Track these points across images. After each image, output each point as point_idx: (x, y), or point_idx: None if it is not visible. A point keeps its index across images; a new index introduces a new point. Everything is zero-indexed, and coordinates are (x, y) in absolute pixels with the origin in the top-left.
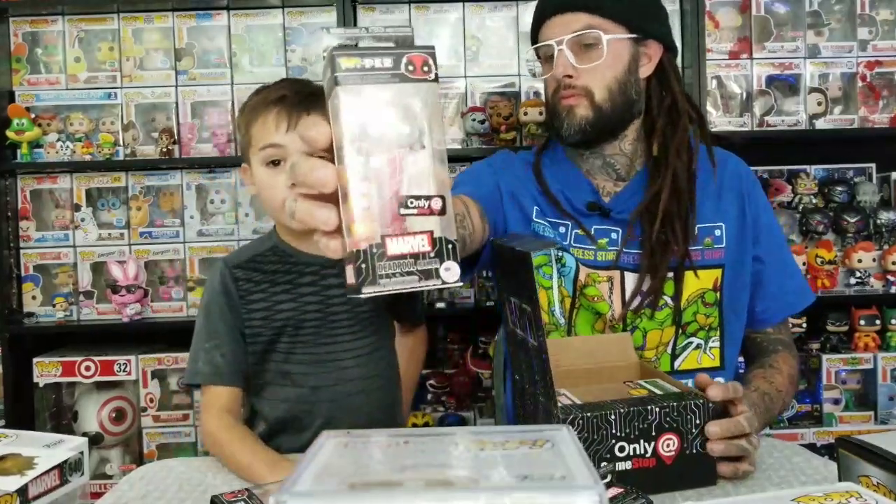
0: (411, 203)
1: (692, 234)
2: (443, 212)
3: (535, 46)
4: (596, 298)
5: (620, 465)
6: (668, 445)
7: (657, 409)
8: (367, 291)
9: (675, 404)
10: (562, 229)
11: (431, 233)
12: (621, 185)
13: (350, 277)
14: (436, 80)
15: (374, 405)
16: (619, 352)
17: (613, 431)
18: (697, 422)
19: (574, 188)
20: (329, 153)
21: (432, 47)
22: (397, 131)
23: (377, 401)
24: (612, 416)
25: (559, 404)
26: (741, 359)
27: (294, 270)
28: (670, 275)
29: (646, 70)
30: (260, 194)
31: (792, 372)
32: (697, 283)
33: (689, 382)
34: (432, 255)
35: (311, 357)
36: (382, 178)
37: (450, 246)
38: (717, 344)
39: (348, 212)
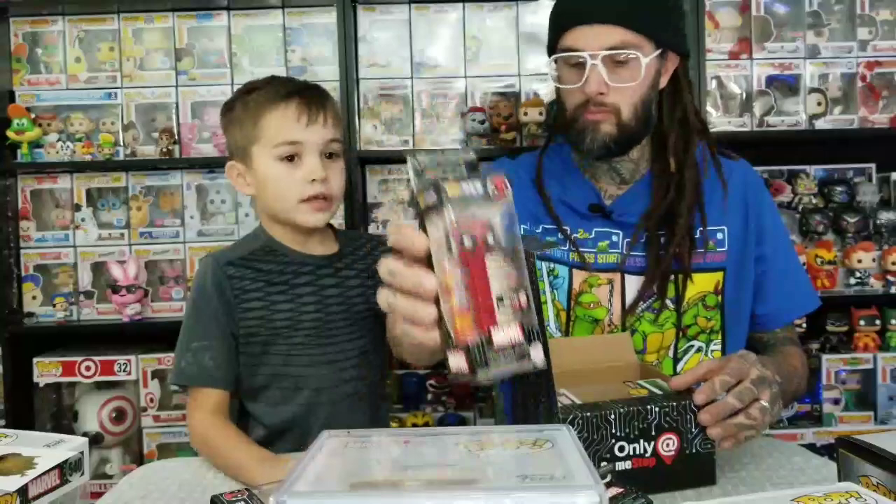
0: (503, 302)
1: (698, 243)
2: (528, 304)
3: (564, 55)
4: (592, 305)
5: (620, 465)
6: (668, 445)
7: (657, 409)
8: (482, 377)
9: (674, 404)
10: (560, 235)
11: (522, 324)
12: (624, 189)
13: (459, 364)
14: (510, 196)
15: (369, 405)
16: (618, 352)
17: (613, 431)
18: (697, 421)
19: (575, 190)
20: (423, 258)
21: (504, 172)
22: (487, 240)
23: (372, 401)
24: (612, 416)
25: (559, 404)
26: None
27: (289, 270)
28: (672, 278)
29: (663, 81)
30: (266, 191)
31: (804, 362)
32: (698, 286)
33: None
34: (524, 341)
35: (311, 359)
36: (478, 280)
37: (535, 330)
38: (718, 347)
39: (452, 309)
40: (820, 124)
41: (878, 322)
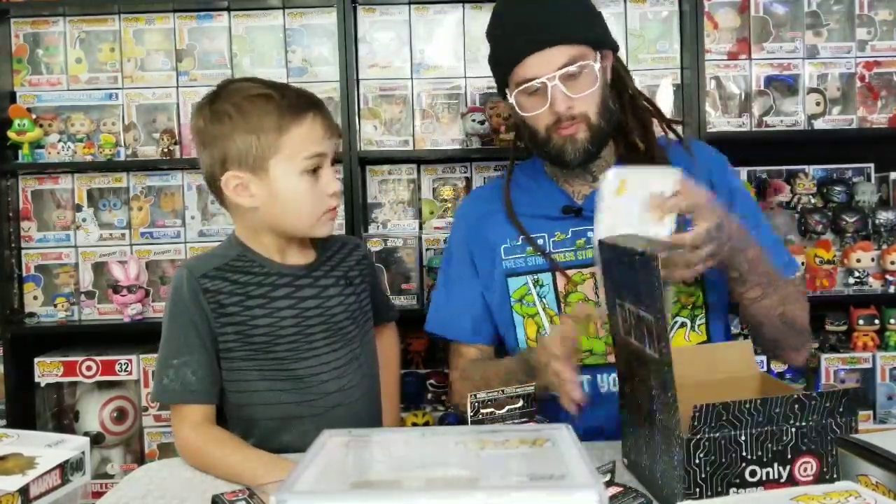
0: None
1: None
2: None
3: (523, 86)
4: (580, 303)
5: (751, 491)
6: (806, 469)
7: (793, 430)
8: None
9: (813, 424)
10: (540, 241)
11: None
12: (596, 185)
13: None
14: None
15: (353, 415)
16: (738, 362)
17: (744, 454)
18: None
19: (547, 199)
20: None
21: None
22: None
23: (356, 410)
24: (743, 437)
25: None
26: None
27: (267, 283)
28: None
29: (608, 77)
30: (284, 205)
31: (801, 290)
32: None
33: None
34: None
35: (289, 374)
36: None
37: None
38: (703, 321)
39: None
40: (819, 124)
41: (876, 321)
